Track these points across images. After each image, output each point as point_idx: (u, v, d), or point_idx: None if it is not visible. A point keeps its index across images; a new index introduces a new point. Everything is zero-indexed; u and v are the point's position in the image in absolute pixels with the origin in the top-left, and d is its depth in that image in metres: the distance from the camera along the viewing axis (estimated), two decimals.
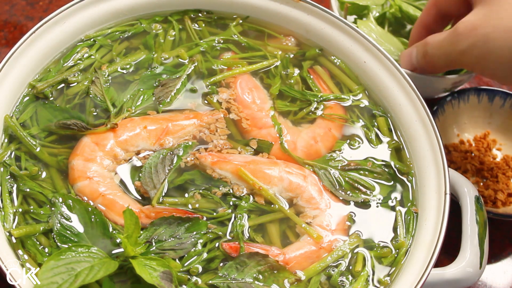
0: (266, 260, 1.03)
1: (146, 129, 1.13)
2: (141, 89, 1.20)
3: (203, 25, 1.32)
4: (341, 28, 1.27)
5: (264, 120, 1.20)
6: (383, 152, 1.20)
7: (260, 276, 1.02)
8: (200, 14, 1.33)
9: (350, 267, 1.07)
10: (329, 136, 1.21)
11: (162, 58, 1.25)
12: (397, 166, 1.19)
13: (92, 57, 1.23)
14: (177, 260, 1.02)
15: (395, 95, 1.22)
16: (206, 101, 1.22)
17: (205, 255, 1.04)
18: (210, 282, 1.01)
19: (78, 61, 1.22)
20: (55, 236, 1.01)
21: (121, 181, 1.10)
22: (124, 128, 1.13)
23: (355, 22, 1.55)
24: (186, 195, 1.10)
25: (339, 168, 1.16)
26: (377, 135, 1.22)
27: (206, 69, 1.25)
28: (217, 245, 1.05)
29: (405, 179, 1.18)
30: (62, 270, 0.91)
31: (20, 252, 1.01)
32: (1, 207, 1.04)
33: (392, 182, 1.17)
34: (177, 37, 1.29)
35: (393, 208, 1.14)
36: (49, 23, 1.17)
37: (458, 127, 1.55)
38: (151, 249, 1.01)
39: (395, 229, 1.12)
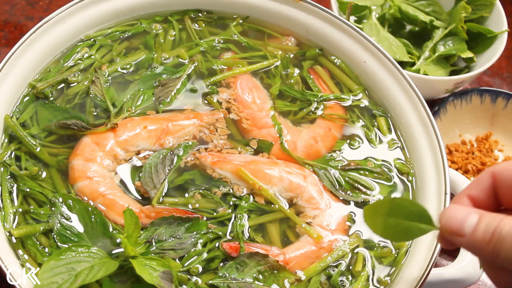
0: (266, 260, 1.03)
1: (146, 129, 1.13)
2: (141, 89, 1.20)
3: (203, 25, 1.31)
4: (341, 28, 1.26)
5: (264, 120, 1.20)
6: (383, 152, 1.20)
7: (260, 276, 1.02)
8: (200, 14, 1.33)
9: (350, 267, 1.07)
10: (329, 136, 1.21)
11: (162, 58, 1.25)
12: (397, 166, 1.18)
13: (92, 57, 1.23)
14: (177, 260, 1.02)
15: (395, 95, 1.21)
16: (206, 101, 1.21)
17: (205, 255, 1.04)
18: (210, 282, 1.01)
19: (78, 61, 1.22)
20: (55, 236, 1.01)
21: (121, 181, 1.10)
22: (124, 128, 1.13)
23: (358, 22, 1.55)
24: (186, 195, 1.10)
25: (339, 168, 1.16)
26: (377, 135, 1.22)
27: (206, 69, 1.25)
28: (217, 245, 1.05)
29: (405, 179, 1.17)
30: (62, 270, 0.91)
31: (20, 252, 1.01)
32: (1, 207, 1.04)
33: (392, 182, 1.17)
34: (177, 37, 1.29)
35: None
36: (49, 23, 1.17)
37: (459, 128, 1.54)
38: (151, 249, 1.01)
39: None
